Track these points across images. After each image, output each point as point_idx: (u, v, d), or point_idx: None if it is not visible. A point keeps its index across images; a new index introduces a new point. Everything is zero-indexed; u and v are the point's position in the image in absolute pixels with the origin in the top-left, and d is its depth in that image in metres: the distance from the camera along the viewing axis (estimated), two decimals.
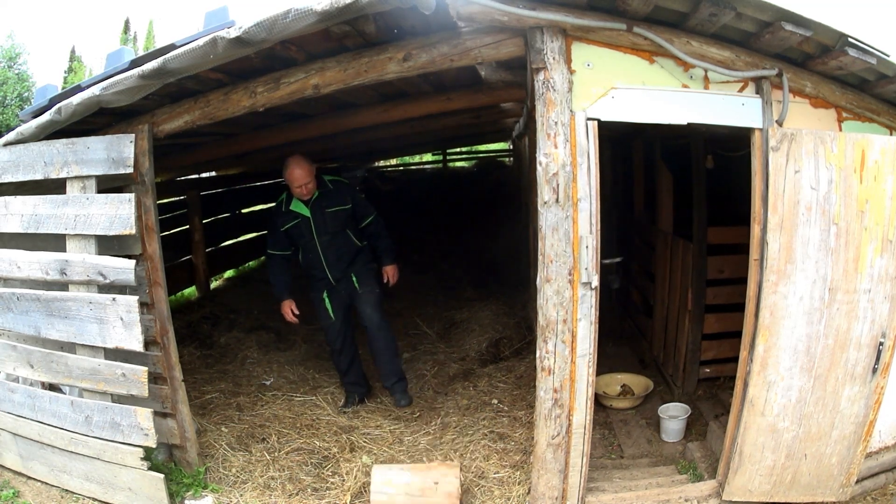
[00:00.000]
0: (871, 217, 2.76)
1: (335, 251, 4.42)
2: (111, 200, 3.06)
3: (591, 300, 2.85)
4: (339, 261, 4.43)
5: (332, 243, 4.41)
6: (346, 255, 4.46)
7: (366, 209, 4.57)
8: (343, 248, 4.46)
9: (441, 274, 8.63)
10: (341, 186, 4.52)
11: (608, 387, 4.57)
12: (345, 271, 4.47)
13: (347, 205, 4.44)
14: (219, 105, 3.21)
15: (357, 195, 4.60)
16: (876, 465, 3.25)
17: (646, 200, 5.66)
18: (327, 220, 4.38)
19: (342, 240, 4.45)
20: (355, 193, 4.61)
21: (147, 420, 3.14)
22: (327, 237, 4.39)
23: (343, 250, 4.46)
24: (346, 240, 4.47)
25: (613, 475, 3.39)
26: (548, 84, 2.69)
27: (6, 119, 19.47)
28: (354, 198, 4.54)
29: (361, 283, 4.52)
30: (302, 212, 4.37)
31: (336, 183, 4.51)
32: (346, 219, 4.45)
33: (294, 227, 4.39)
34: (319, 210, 4.36)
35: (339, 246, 4.43)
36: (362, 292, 4.51)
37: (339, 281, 4.47)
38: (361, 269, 4.55)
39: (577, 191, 2.76)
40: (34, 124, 3.14)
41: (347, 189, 4.56)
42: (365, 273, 4.56)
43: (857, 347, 2.86)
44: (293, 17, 2.46)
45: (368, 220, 4.56)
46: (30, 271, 3.23)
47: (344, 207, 4.42)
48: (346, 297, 4.55)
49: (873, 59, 2.56)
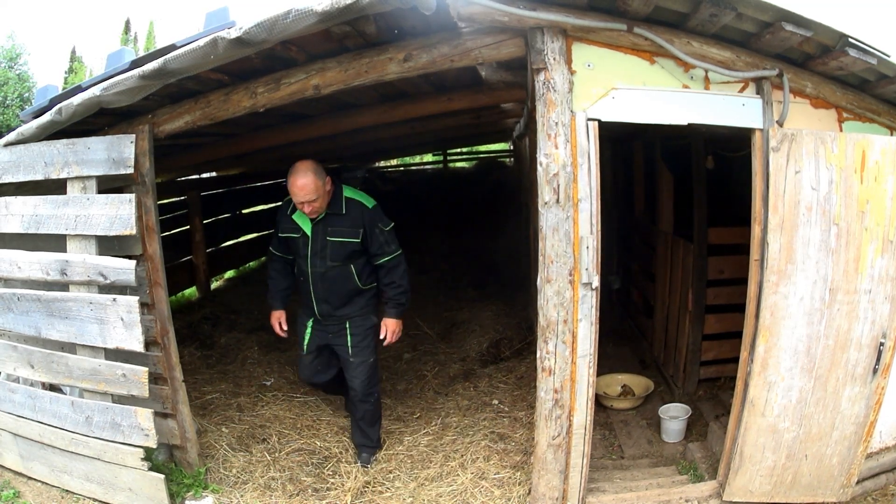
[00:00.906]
0: (872, 217, 2.76)
1: (327, 286, 3.58)
2: (112, 201, 3.06)
3: (591, 301, 2.85)
4: (329, 299, 3.61)
5: (327, 277, 3.56)
6: (340, 294, 3.61)
7: (383, 247, 3.59)
8: (338, 285, 3.59)
9: (442, 274, 8.63)
10: (358, 210, 3.53)
11: (609, 387, 4.57)
12: (335, 313, 3.65)
13: (356, 238, 3.52)
14: (219, 105, 3.21)
15: (376, 226, 3.55)
16: (876, 465, 3.25)
17: (646, 201, 5.67)
18: (327, 248, 3.53)
19: (340, 276, 3.58)
20: (374, 223, 3.54)
21: (147, 420, 3.14)
22: (322, 268, 3.55)
23: (337, 288, 3.60)
24: (346, 277, 3.59)
25: (614, 476, 3.39)
26: (548, 84, 2.69)
27: (7, 119, 19.49)
28: (371, 229, 3.54)
29: (355, 348, 3.68)
30: (303, 226, 3.57)
31: (354, 204, 3.54)
32: (350, 253, 3.55)
33: (292, 240, 3.66)
34: (321, 233, 3.53)
35: (334, 282, 3.58)
36: (353, 361, 3.69)
37: (326, 319, 3.68)
38: (359, 322, 3.69)
39: (577, 191, 2.76)
40: (35, 125, 3.14)
41: (367, 215, 3.53)
42: (362, 333, 3.70)
43: (857, 348, 2.86)
44: (294, 17, 2.46)
45: (384, 259, 3.61)
46: (30, 272, 3.23)
47: (351, 241, 3.52)
48: (331, 341, 3.74)
49: (874, 59, 2.56)
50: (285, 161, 8.83)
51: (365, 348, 3.70)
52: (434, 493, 3.40)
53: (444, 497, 3.37)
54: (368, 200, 3.60)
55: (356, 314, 3.69)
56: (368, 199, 3.60)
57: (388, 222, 3.60)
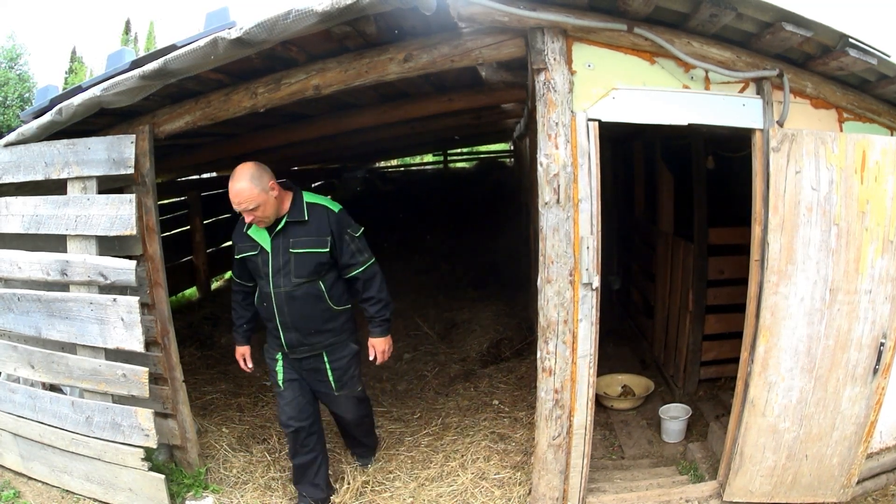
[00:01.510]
0: (872, 218, 2.76)
1: (295, 310, 3.07)
2: (112, 201, 3.06)
3: (591, 301, 2.85)
4: (298, 325, 3.09)
5: (293, 298, 3.05)
6: (309, 319, 3.09)
7: (355, 255, 3.09)
8: (307, 307, 3.07)
9: (442, 274, 8.63)
10: (323, 216, 3.05)
11: (609, 387, 4.57)
12: (306, 341, 3.13)
13: (323, 248, 3.02)
14: (220, 106, 3.21)
15: (345, 232, 3.07)
16: (877, 465, 3.25)
17: (646, 201, 5.67)
18: (291, 263, 3.03)
19: (308, 295, 3.06)
20: (343, 229, 3.06)
21: (148, 421, 3.14)
22: (287, 287, 3.04)
23: (307, 311, 3.08)
24: (315, 297, 3.07)
25: (614, 476, 3.39)
26: (549, 85, 2.69)
27: (7, 120, 19.51)
28: (340, 236, 3.05)
29: (339, 382, 3.23)
30: (261, 241, 3.07)
31: (317, 210, 3.06)
32: (317, 267, 3.04)
33: (250, 259, 3.13)
34: (283, 246, 3.03)
35: (302, 303, 3.06)
36: (339, 395, 3.27)
37: (296, 351, 3.16)
38: (338, 353, 3.21)
39: (577, 191, 2.76)
40: (35, 125, 3.14)
41: (333, 221, 3.05)
42: (343, 366, 3.23)
43: (857, 348, 2.86)
44: (294, 17, 2.46)
45: (358, 270, 3.11)
46: (31, 272, 3.23)
47: (317, 251, 3.02)
48: (307, 376, 3.26)
49: (874, 59, 2.56)
50: (286, 161, 8.86)
51: (350, 379, 3.27)
52: (434, 494, 3.40)
53: (445, 497, 3.37)
54: (333, 205, 3.14)
55: (332, 342, 3.18)
56: (333, 204, 3.15)
57: (357, 228, 3.14)
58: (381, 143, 8.37)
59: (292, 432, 3.24)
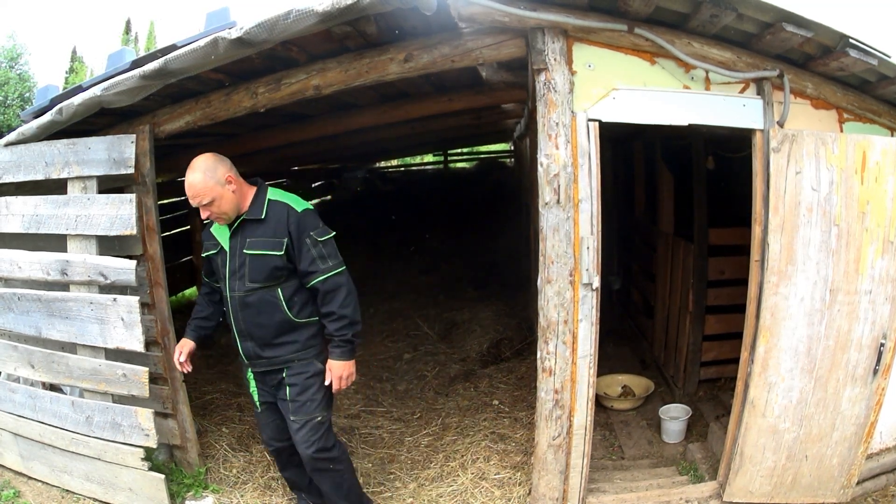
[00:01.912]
0: (872, 218, 2.76)
1: (249, 317, 2.77)
2: (112, 201, 3.06)
3: (591, 301, 2.85)
4: (253, 334, 2.79)
5: (247, 304, 2.75)
6: (265, 329, 2.77)
7: (315, 263, 2.70)
8: (263, 316, 2.76)
9: (442, 274, 8.63)
10: (282, 215, 2.73)
11: (609, 388, 4.56)
12: (263, 355, 2.81)
13: (278, 251, 2.69)
14: (220, 106, 3.21)
15: (306, 234, 2.71)
16: (877, 466, 3.24)
17: (646, 201, 5.67)
18: (246, 265, 2.73)
19: (263, 302, 2.74)
20: (304, 231, 2.71)
21: (148, 420, 3.14)
22: (241, 292, 2.75)
23: (262, 320, 2.76)
24: (271, 305, 2.75)
25: (614, 476, 3.39)
26: (549, 85, 2.69)
27: (7, 119, 19.51)
28: (298, 239, 2.70)
29: (294, 403, 2.82)
30: (221, 239, 2.83)
31: (277, 208, 2.75)
32: (273, 272, 2.71)
33: (213, 259, 2.89)
34: (239, 246, 2.76)
35: (257, 311, 2.75)
36: (293, 419, 2.82)
37: (256, 364, 2.87)
38: (297, 369, 2.82)
39: (578, 192, 2.76)
40: (35, 124, 3.14)
41: (293, 221, 2.71)
42: (301, 383, 2.81)
43: (857, 349, 2.86)
44: (294, 17, 2.46)
45: (317, 280, 2.72)
46: (31, 271, 3.23)
47: (271, 254, 2.70)
48: (272, 394, 2.93)
49: (874, 60, 2.56)
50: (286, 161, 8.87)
51: (308, 402, 2.81)
52: (434, 494, 3.40)
53: (445, 497, 3.37)
54: (299, 203, 2.79)
55: (292, 357, 2.81)
56: (298, 202, 2.80)
57: (324, 231, 2.77)
58: (382, 143, 8.37)
59: (274, 451, 3.11)
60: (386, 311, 6.98)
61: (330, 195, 12.96)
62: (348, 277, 2.79)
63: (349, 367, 2.83)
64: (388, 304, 7.25)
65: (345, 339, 2.78)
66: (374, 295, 7.64)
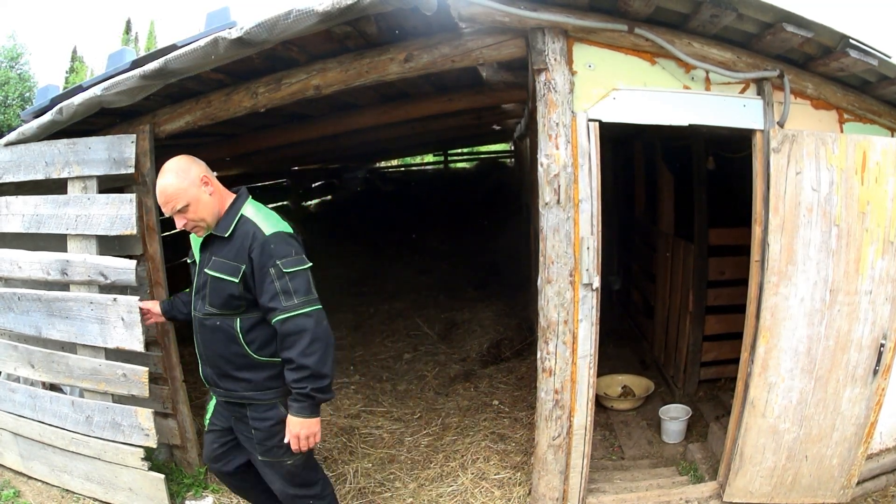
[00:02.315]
0: (872, 219, 2.76)
1: (206, 342, 2.50)
2: (112, 201, 3.06)
3: (592, 301, 2.85)
4: (210, 361, 2.51)
5: (204, 327, 2.48)
6: (221, 360, 2.46)
7: (277, 298, 2.29)
8: (219, 345, 2.45)
9: (442, 274, 8.64)
10: (248, 237, 2.36)
11: (609, 388, 4.56)
12: (221, 385, 2.51)
13: (234, 277, 2.34)
14: (220, 106, 3.21)
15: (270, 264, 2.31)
16: (877, 466, 3.24)
17: (647, 201, 5.67)
18: (207, 284, 2.43)
19: (220, 331, 2.43)
20: (267, 259, 2.31)
21: (148, 420, 3.14)
22: (200, 313, 2.48)
23: (219, 349, 2.46)
24: (227, 336, 2.42)
25: (614, 476, 3.39)
26: (549, 85, 2.69)
27: (8, 119, 19.51)
28: (260, 268, 2.32)
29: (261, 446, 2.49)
30: (195, 249, 2.59)
31: (245, 227, 2.39)
32: (229, 299, 2.38)
33: (191, 267, 2.64)
34: (204, 261, 2.47)
35: (213, 337, 2.46)
36: (262, 460, 2.52)
37: (212, 388, 2.60)
38: (262, 412, 2.47)
39: (578, 192, 2.76)
40: (35, 124, 3.14)
41: (256, 246, 2.33)
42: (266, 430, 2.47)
43: (857, 349, 2.86)
44: (294, 17, 2.46)
45: (274, 319, 2.31)
46: (31, 271, 3.23)
47: (228, 280, 2.36)
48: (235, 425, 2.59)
49: (875, 60, 2.56)
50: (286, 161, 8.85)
51: (275, 448, 2.48)
52: (434, 494, 3.40)
53: (445, 497, 3.37)
54: (273, 223, 2.40)
55: (251, 396, 2.46)
56: (273, 222, 2.41)
57: (297, 261, 2.34)
58: (382, 143, 8.37)
59: (213, 471, 2.80)
60: (386, 311, 6.99)
61: (330, 195, 12.97)
62: (318, 320, 2.32)
63: (310, 425, 2.38)
64: (388, 304, 7.25)
65: (303, 394, 2.32)
66: (374, 295, 7.65)
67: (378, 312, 6.95)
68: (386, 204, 11.91)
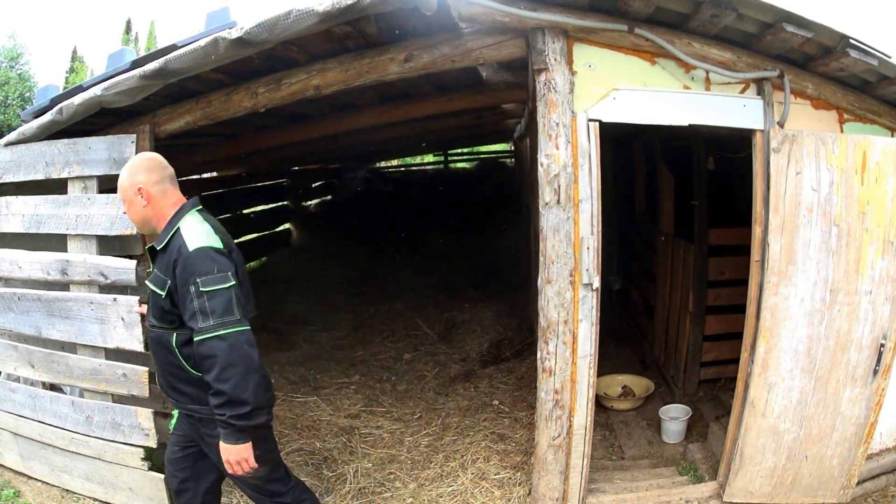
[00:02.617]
0: (872, 219, 2.76)
1: (155, 354, 2.48)
2: (112, 200, 3.06)
3: (592, 301, 2.85)
4: (160, 372, 2.48)
5: (152, 339, 2.47)
6: (165, 371, 2.44)
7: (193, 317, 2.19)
8: (161, 358, 2.43)
9: (442, 274, 8.64)
10: (175, 251, 2.28)
11: (609, 388, 4.56)
12: (171, 395, 2.49)
13: (163, 290, 2.30)
14: (220, 106, 3.21)
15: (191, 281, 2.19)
16: (877, 466, 3.24)
17: (647, 201, 5.67)
18: (149, 297, 2.44)
19: (159, 342, 2.41)
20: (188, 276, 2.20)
21: (148, 420, 3.14)
22: (148, 324, 2.49)
23: (161, 362, 2.44)
24: (165, 349, 2.39)
25: (614, 476, 3.39)
26: (549, 85, 2.69)
27: (8, 119, 19.52)
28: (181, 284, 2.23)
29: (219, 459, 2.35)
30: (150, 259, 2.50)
31: (176, 240, 2.31)
32: (162, 313, 2.35)
33: None
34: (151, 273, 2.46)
35: (156, 349, 2.44)
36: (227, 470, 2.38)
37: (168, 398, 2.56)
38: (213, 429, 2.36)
39: (578, 192, 2.76)
40: (35, 124, 3.14)
41: (180, 259, 2.24)
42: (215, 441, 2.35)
43: (857, 349, 2.86)
44: (294, 17, 2.46)
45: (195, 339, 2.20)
46: (31, 271, 3.23)
47: (158, 293, 2.33)
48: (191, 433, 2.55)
49: (875, 60, 2.56)
50: (286, 161, 8.85)
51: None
52: (434, 494, 3.40)
53: (445, 497, 3.37)
54: (200, 239, 2.27)
55: (197, 410, 2.41)
56: (202, 237, 2.28)
57: (218, 279, 2.21)
58: (382, 144, 8.38)
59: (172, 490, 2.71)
60: (386, 311, 6.99)
61: (330, 195, 12.96)
62: (233, 344, 2.18)
63: (240, 451, 2.25)
64: (388, 304, 7.25)
65: (225, 421, 2.20)
66: (374, 295, 7.65)
67: (378, 312, 6.95)
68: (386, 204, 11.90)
